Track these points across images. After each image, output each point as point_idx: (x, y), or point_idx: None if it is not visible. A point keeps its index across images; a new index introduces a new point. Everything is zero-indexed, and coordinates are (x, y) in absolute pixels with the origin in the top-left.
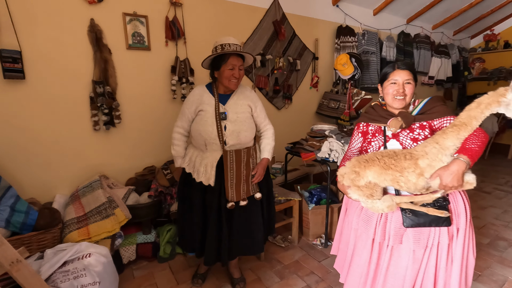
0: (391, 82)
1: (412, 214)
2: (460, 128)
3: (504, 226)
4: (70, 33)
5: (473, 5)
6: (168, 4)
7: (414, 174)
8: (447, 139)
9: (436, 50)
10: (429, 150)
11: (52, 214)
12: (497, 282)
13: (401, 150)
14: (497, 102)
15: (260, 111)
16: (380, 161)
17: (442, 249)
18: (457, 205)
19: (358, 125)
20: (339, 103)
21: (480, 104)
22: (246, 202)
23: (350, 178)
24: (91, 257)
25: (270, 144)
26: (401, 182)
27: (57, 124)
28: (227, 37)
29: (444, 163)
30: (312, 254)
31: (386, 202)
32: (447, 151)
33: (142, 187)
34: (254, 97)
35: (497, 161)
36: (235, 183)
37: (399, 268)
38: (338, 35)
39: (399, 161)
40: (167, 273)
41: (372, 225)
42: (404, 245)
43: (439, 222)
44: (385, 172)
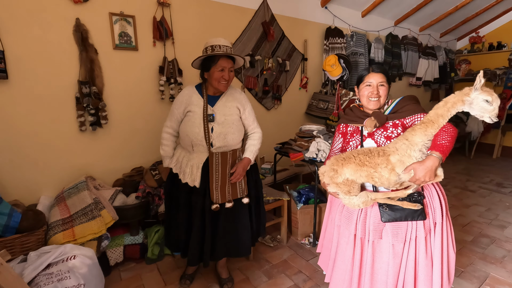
0: (366, 84)
1: (389, 209)
2: (428, 125)
3: (487, 223)
4: (55, 32)
5: (459, 7)
6: (156, 4)
7: (387, 169)
8: (416, 135)
9: (423, 51)
10: (399, 146)
11: (36, 216)
12: (479, 278)
13: (375, 148)
14: (462, 101)
15: (249, 113)
16: (356, 158)
17: (419, 243)
18: (432, 200)
19: (339, 127)
20: (328, 104)
21: (447, 102)
22: (231, 204)
23: (329, 176)
24: (76, 259)
25: (255, 145)
26: (375, 178)
27: (41, 124)
28: (217, 38)
29: (413, 158)
30: (300, 253)
31: (362, 198)
32: (416, 147)
33: (130, 188)
34: (243, 99)
35: (482, 160)
36: (220, 185)
37: (382, 263)
38: (327, 37)
39: (373, 158)
40: (155, 275)
41: (353, 221)
42: (384, 240)
43: (414, 216)
44: (360, 169)
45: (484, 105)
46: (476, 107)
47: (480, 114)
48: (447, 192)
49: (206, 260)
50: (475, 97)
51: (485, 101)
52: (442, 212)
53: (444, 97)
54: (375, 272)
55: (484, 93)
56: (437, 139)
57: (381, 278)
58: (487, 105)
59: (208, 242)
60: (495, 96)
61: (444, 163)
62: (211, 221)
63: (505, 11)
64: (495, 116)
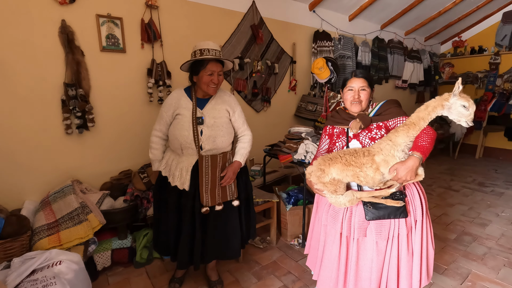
0: (348, 88)
1: (373, 208)
2: (410, 127)
3: (470, 222)
4: (40, 34)
5: (442, 13)
6: (144, 6)
7: (372, 169)
8: (399, 136)
9: (408, 55)
10: (383, 146)
11: (20, 221)
12: (461, 274)
13: (360, 148)
14: (441, 105)
15: (239, 116)
16: (342, 158)
17: (402, 240)
18: (414, 199)
19: (325, 128)
20: (316, 106)
21: (428, 106)
22: (221, 207)
23: (316, 175)
24: (62, 265)
25: (245, 148)
26: (361, 177)
27: (26, 127)
28: (206, 42)
29: (396, 157)
30: (289, 254)
31: (347, 197)
32: (399, 147)
33: (118, 191)
34: (232, 102)
35: (465, 160)
36: (210, 188)
37: (366, 260)
38: (315, 40)
39: (358, 158)
40: (143, 279)
41: (339, 220)
42: (368, 237)
43: (396, 214)
44: (346, 169)
45: (461, 110)
46: (454, 111)
47: (457, 118)
48: (432, 191)
49: (197, 263)
50: (453, 102)
51: (462, 106)
52: (423, 210)
53: (429, 99)
54: (359, 269)
55: (462, 99)
56: (418, 140)
57: (365, 275)
58: (464, 110)
59: (198, 245)
60: (472, 102)
61: (429, 164)
62: (200, 224)
63: (485, 16)
64: (471, 120)
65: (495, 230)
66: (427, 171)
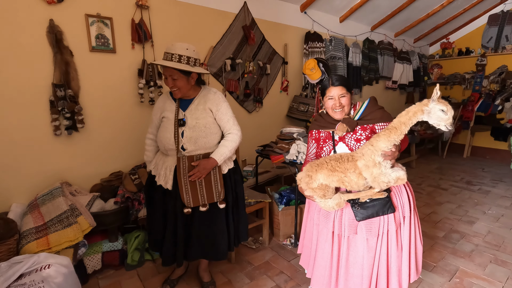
0: (328, 97)
1: (361, 208)
2: (391, 131)
3: (458, 220)
4: (27, 34)
5: (430, 15)
6: (134, 6)
7: (355, 174)
8: (380, 141)
9: (398, 56)
10: (365, 152)
11: (7, 225)
12: (449, 271)
13: (345, 154)
14: (421, 110)
15: (223, 113)
16: (328, 164)
17: (391, 236)
18: (401, 196)
19: (311, 133)
20: (308, 107)
21: (409, 112)
22: (205, 208)
23: (305, 182)
24: (51, 268)
25: (225, 146)
26: (346, 182)
27: (13, 129)
28: (174, 45)
29: (376, 162)
30: (282, 254)
31: (335, 200)
32: (380, 152)
33: (108, 193)
34: (216, 99)
35: (453, 159)
36: (190, 188)
37: (357, 257)
38: (307, 41)
39: (342, 164)
40: (135, 281)
41: (331, 219)
42: (359, 235)
43: (384, 210)
44: (332, 174)
45: (440, 114)
46: (434, 116)
47: (437, 122)
48: (421, 190)
49: (179, 260)
50: (432, 107)
51: (441, 111)
52: (410, 206)
53: (418, 100)
54: (349, 266)
55: (440, 104)
56: None
57: (357, 272)
58: (443, 114)
59: (180, 243)
60: (450, 107)
61: (419, 163)
62: (184, 223)
63: (472, 19)
64: (450, 125)
65: (482, 227)
66: (416, 170)
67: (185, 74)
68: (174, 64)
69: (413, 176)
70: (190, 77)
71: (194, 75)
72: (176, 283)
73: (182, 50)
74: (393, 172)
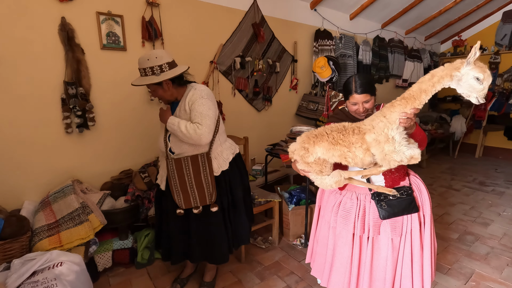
0: (351, 103)
1: (387, 206)
2: (408, 101)
3: (472, 221)
4: (39, 32)
5: (442, 12)
6: (145, 4)
7: (361, 149)
8: (394, 112)
9: (409, 54)
10: (376, 124)
11: (20, 222)
12: (465, 274)
13: (350, 125)
14: (450, 76)
15: (194, 108)
16: (329, 136)
17: (414, 235)
18: (421, 194)
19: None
20: (317, 105)
21: (434, 76)
22: (198, 211)
23: (300, 155)
24: (63, 266)
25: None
26: (349, 158)
27: (25, 127)
28: (139, 59)
29: (390, 137)
30: (292, 254)
31: (334, 177)
32: (394, 125)
33: (119, 191)
34: (193, 95)
35: (465, 160)
36: (181, 190)
37: (380, 259)
38: (316, 39)
39: (347, 136)
40: (145, 279)
41: (351, 219)
42: (382, 235)
43: (409, 209)
44: (333, 148)
45: (473, 83)
46: (465, 84)
47: (467, 93)
48: (433, 191)
49: (174, 260)
50: (465, 73)
51: (475, 79)
52: (430, 205)
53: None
54: (374, 269)
55: (477, 69)
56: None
57: (380, 275)
58: (477, 84)
59: (176, 242)
60: (488, 74)
61: (429, 163)
62: (180, 224)
63: (485, 16)
64: (483, 97)
65: (497, 229)
66: (427, 170)
67: (156, 83)
68: (139, 80)
69: (424, 176)
70: (164, 83)
71: (166, 81)
72: (186, 281)
73: (145, 63)
74: (407, 150)
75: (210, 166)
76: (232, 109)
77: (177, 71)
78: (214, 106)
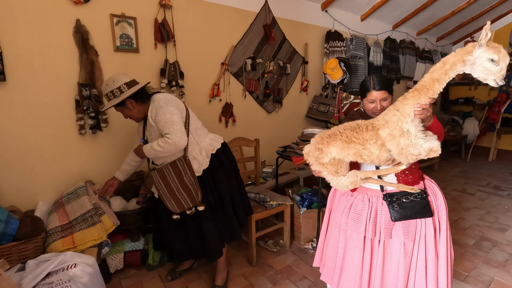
0: (369, 101)
1: (399, 208)
2: (421, 92)
3: (488, 227)
4: (55, 33)
5: (455, 12)
6: (157, 6)
7: (376, 145)
8: (408, 105)
9: (420, 55)
10: (389, 118)
11: (35, 223)
12: (483, 282)
13: (363, 122)
14: (462, 61)
15: (158, 120)
16: (343, 134)
17: (429, 241)
18: (436, 199)
19: None
20: (328, 107)
21: (445, 63)
22: (190, 212)
23: (314, 156)
24: (77, 268)
25: (152, 146)
26: (364, 156)
27: (40, 128)
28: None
29: (405, 130)
30: (304, 259)
31: (350, 178)
32: (408, 118)
33: (130, 193)
34: (153, 108)
35: (478, 163)
36: (171, 197)
37: (392, 264)
38: (327, 40)
39: (361, 133)
40: (156, 281)
41: (363, 222)
42: (394, 239)
43: (423, 213)
44: (348, 146)
45: (488, 66)
46: (479, 68)
47: (483, 76)
48: (446, 195)
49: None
50: (478, 56)
51: (490, 61)
52: (446, 211)
53: (440, 101)
54: (385, 274)
55: (490, 50)
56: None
57: (391, 281)
58: (492, 66)
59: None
60: (503, 53)
61: (441, 166)
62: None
63: (499, 16)
64: (501, 78)
65: None
66: (439, 173)
67: (120, 105)
68: (106, 105)
69: (436, 180)
70: (128, 103)
71: (128, 101)
72: (179, 275)
73: (105, 89)
74: (425, 142)
75: (190, 168)
76: (242, 111)
77: (134, 89)
78: (176, 109)
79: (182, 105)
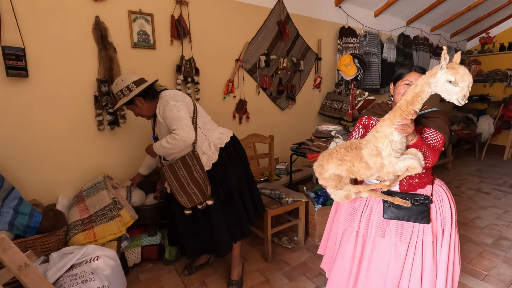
0: (404, 82)
1: (393, 207)
2: (396, 114)
3: (506, 226)
4: (75, 30)
5: (471, 7)
6: (174, 2)
7: (361, 163)
8: (384, 125)
9: (434, 52)
10: (369, 138)
11: (57, 216)
12: (504, 282)
13: (356, 141)
14: (428, 84)
15: (166, 116)
16: (338, 153)
17: (426, 247)
18: (442, 206)
19: (361, 119)
20: (342, 104)
21: (417, 86)
22: (202, 206)
23: (318, 172)
24: (99, 260)
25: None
26: (354, 172)
27: (60, 123)
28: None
29: (380, 151)
30: (319, 255)
31: (344, 191)
32: (385, 139)
33: (147, 188)
34: (160, 105)
35: (493, 162)
36: (182, 192)
37: (381, 264)
38: (341, 36)
39: (350, 152)
40: (173, 276)
41: (357, 217)
42: (386, 239)
43: (418, 217)
44: (341, 164)
45: (448, 87)
46: (441, 89)
47: (447, 96)
48: (461, 193)
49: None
50: (439, 78)
51: (448, 82)
52: (452, 219)
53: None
54: (371, 271)
55: (449, 72)
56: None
57: (378, 281)
58: (451, 86)
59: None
60: (461, 74)
61: (455, 164)
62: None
63: None
64: (463, 98)
65: None
66: (453, 172)
67: (130, 103)
68: (117, 104)
69: (450, 178)
70: (137, 101)
71: (137, 99)
72: (195, 270)
73: (115, 88)
74: (399, 161)
75: (199, 162)
76: (256, 107)
77: (142, 87)
78: (183, 104)
79: (189, 100)
